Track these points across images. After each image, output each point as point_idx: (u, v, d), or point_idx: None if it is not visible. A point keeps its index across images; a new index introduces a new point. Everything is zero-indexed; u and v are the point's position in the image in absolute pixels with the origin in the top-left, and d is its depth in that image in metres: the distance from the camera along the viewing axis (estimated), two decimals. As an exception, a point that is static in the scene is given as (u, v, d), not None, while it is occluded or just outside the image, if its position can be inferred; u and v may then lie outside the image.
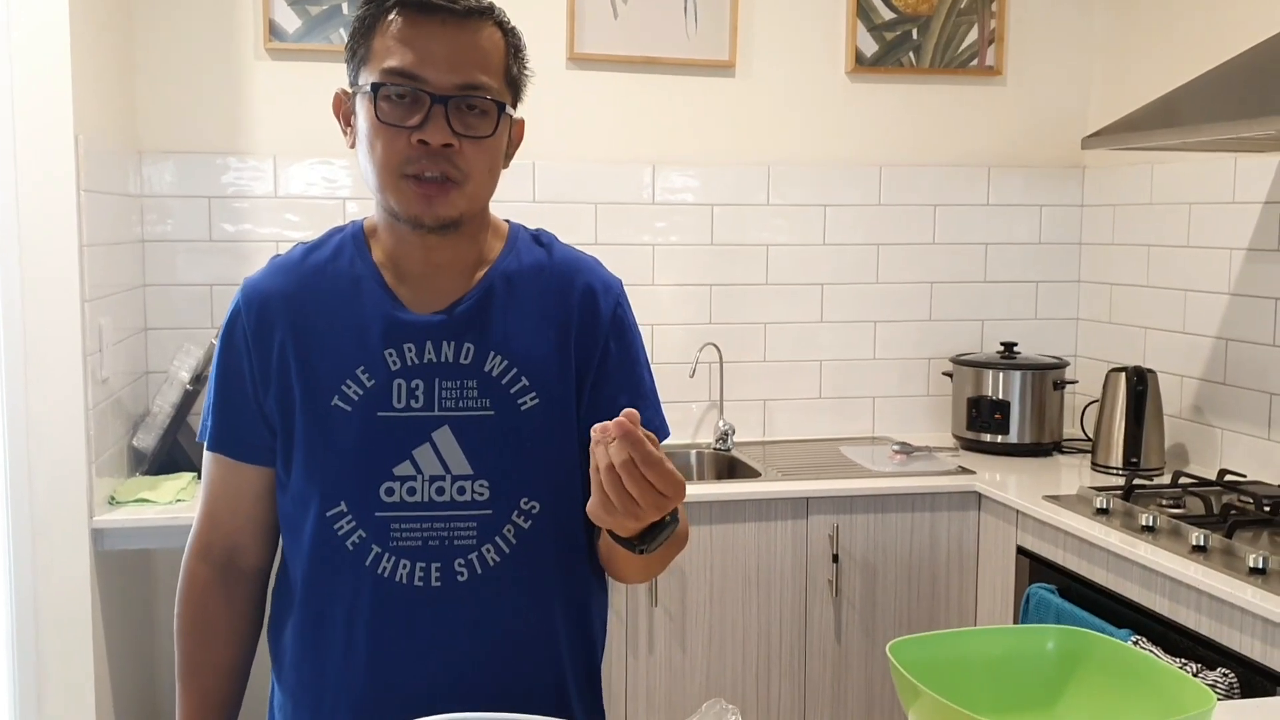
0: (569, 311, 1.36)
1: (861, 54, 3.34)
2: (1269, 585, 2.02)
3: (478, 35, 1.27)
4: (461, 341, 1.31)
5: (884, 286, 3.43)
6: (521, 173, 3.15)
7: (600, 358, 1.36)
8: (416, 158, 1.24)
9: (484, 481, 1.30)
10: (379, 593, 1.30)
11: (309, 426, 1.31)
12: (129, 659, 2.80)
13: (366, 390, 1.30)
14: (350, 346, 1.31)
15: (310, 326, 1.32)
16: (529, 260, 1.38)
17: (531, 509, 1.32)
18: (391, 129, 1.24)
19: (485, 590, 1.31)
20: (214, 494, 1.39)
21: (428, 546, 1.30)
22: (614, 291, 1.41)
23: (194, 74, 3.00)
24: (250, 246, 3.05)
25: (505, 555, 1.31)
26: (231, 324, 1.35)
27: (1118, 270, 3.36)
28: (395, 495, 1.29)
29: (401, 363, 1.30)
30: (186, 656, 1.41)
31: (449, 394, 1.30)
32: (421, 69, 1.23)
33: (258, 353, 1.33)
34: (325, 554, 1.31)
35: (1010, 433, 3.18)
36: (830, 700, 2.85)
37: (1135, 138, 2.55)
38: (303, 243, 1.41)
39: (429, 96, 1.23)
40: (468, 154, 1.26)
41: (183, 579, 1.41)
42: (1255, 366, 2.81)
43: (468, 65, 1.25)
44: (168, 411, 2.80)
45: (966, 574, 2.89)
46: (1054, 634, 1.32)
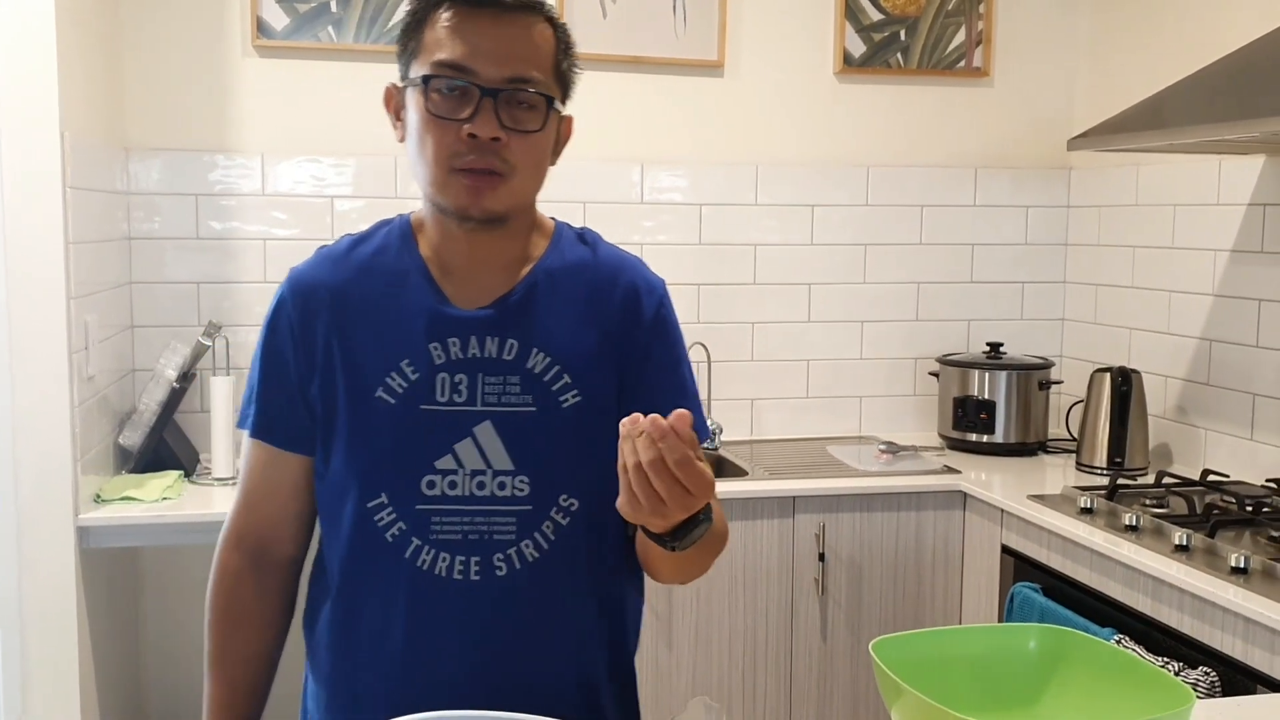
0: (611, 311, 1.37)
1: (850, 55, 3.35)
2: (1250, 585, 2.04)
3: (528, 29, 1.28)
4: (505, 337, 1.32)
5: (871, 286, 3.44)
6: (510, 171, 3.15)
7: (641, 358, 1.37)
8: (465, 151, 1.25)
9: (524, 477, 1.31)
10: (417, 585, 1.30)
11: (352, 417, 1.32)
12: (114, 657, 2.80)
13: (410, 383, 1.31)
14: (395, 339, 1.32)
15: (356, 318, 1.33)
16: (573, 258, 1.39)
17: (570, 506, 1.33)
18: (441, 122, 1.25)
19: (523, 585, 1.31)
20: (252, 482, 1.40)
21: (467, 540, 1.30)
22: (657, 292, 1.41)
23: (181, 71, 2.99)
24: (237, 244, 3.05)
25: (544, 551, 1.32)
26: (276, 313, 1.36)
27: (1103, 271, 3.37)
28: (436, 488, 1.30)
29: (445, 357, 1.31)
30: (217, 645, 1.41)
31: (491, 389, 1.31)
32: (472, 61, 1.25)
33: (302, 342, 1.34)
34: (364, 545, 1.32)
35: (996, 432, 3.19)
36: (816, 699, 2.86)
37: (1120, 139, 2.57)
38: (349, 234, 1.42)
39: (479, 89, 1.24)
40: (515, 148, 1.27)
41: (215, 567, 1.41)
42: (1238, 367, 2.83)
43: (517, 59, 1.26)
44: (154, 409, 2.80)
45: (952, 573, 2.90)
46: (1036, 633, 1.32)
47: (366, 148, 3.10)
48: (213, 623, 1.41)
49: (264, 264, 3.06)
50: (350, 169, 3.10)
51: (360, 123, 3.09)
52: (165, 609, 3.12)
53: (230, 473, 2.76)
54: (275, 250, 3.07)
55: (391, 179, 3.11)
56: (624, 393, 1.36)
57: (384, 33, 3.06)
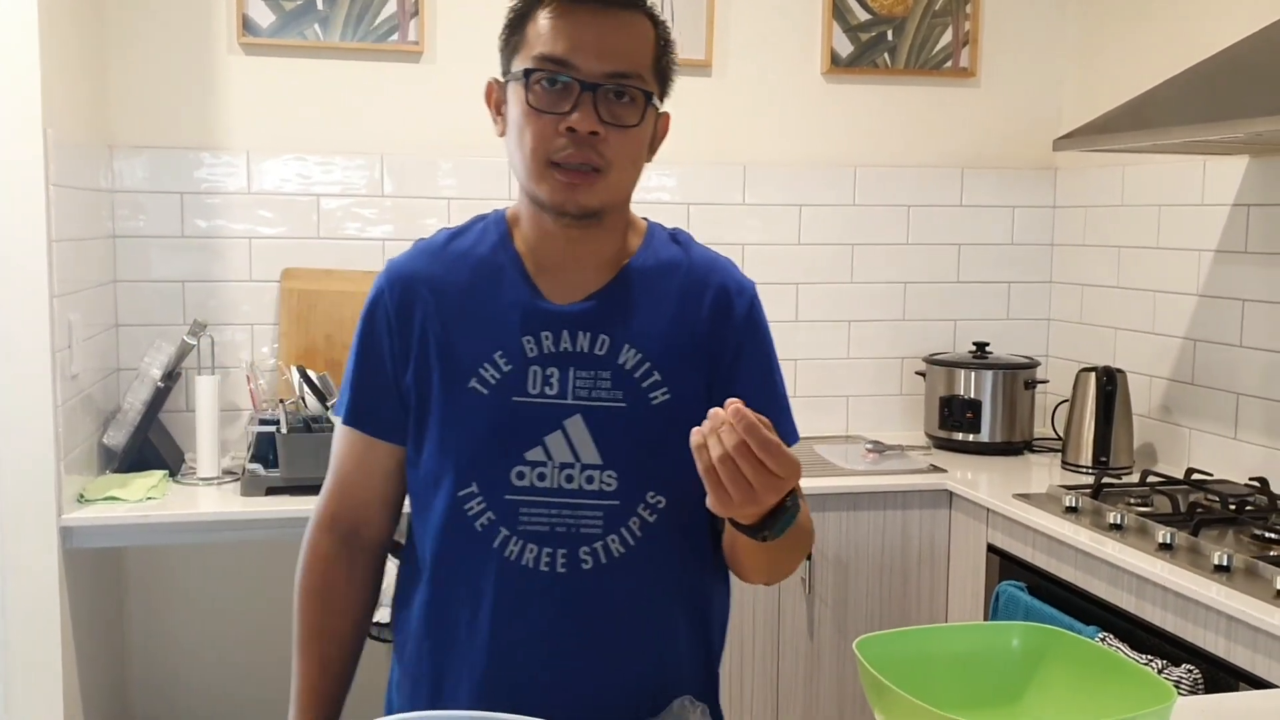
0: (702, 311, 1.38)
1: (837, 55, 3.35)
2: (1233, 583, 2.05)
3: (628, 25, 1.30)
4: (597, 333, 1.34)
5: (858, 286, 3.44)
6: (496, 170, 3.15)
7: (731, 359, 1.39)
8: (563, 145, 1.27)
9: (612, 472, 1.32)
10: (504, 575, 1.32)
11: (445, 407, 1.34)
12: (98, 658, 2.79)
13: (503, 375, 1.33)
14: (489, 331, 1.34)
15: (451, 310, 1.36)
16: (665, 257, 1.41)
17: (657, 503, 1.34)
18: (540, 115, 1.27)
19: (608, 580, 1.33)
20: (345, 468, 1.43)
21: (554, 533, 1.32)
22: (748, 293, 1.43)
23: (166, 68, 2.98)
24: (223, 243, 3.04)
25: (630, 547, 1.33)
26: (374, 304, 1.39)
27: (1089, 271, 3.38)
28: (525, 480, 1.32)
29: (538, 350, 1.33)
30: (306, 625, 1.44)
31: (582, 383, 1.33)
32: (572, 56, 1.27)
33: (399, 333, 1.36)
34: (454, 533, 1.34)
35: (982, 432, 3.20)
36: (803, 697, 2.86)
37: (1105, 140, 2.58)
38: (447, 227, 1.44)
39: (578, 84, 1.26)
40: (612, 143, 1.28)
41: (306, 548, 1.45)
42: (1223, 367, 2.84)
43: (617, 54, 1.28)
44: (139, 409, 2.78)
45: (938, 571, 2.91)
46: (1019, 630, 1.33)
47: (352, 146, 3.09)
48: (302, 603, 1.44)
49: (249, 262, 3.05)
50: (336, 167, 3.09)
51: (346, 121, 3.09)
52: (150, 610, 3.11)
53: (215, 473, 2.75)
54: (261, 248, 3.06)
55: (377, 176, 3.11)
56: (713, 394, 1.36)
57: (370, 30, 3.06)
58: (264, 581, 3.16)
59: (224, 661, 3.16)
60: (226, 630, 3.16)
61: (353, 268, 3.09)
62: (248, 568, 3.15)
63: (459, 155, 3.15)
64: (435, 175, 3.14)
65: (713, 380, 1.37)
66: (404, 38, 3.08)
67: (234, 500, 2.62)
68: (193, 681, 3.15)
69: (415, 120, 3.13)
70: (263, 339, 3.07)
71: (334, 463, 1.44)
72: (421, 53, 3.10)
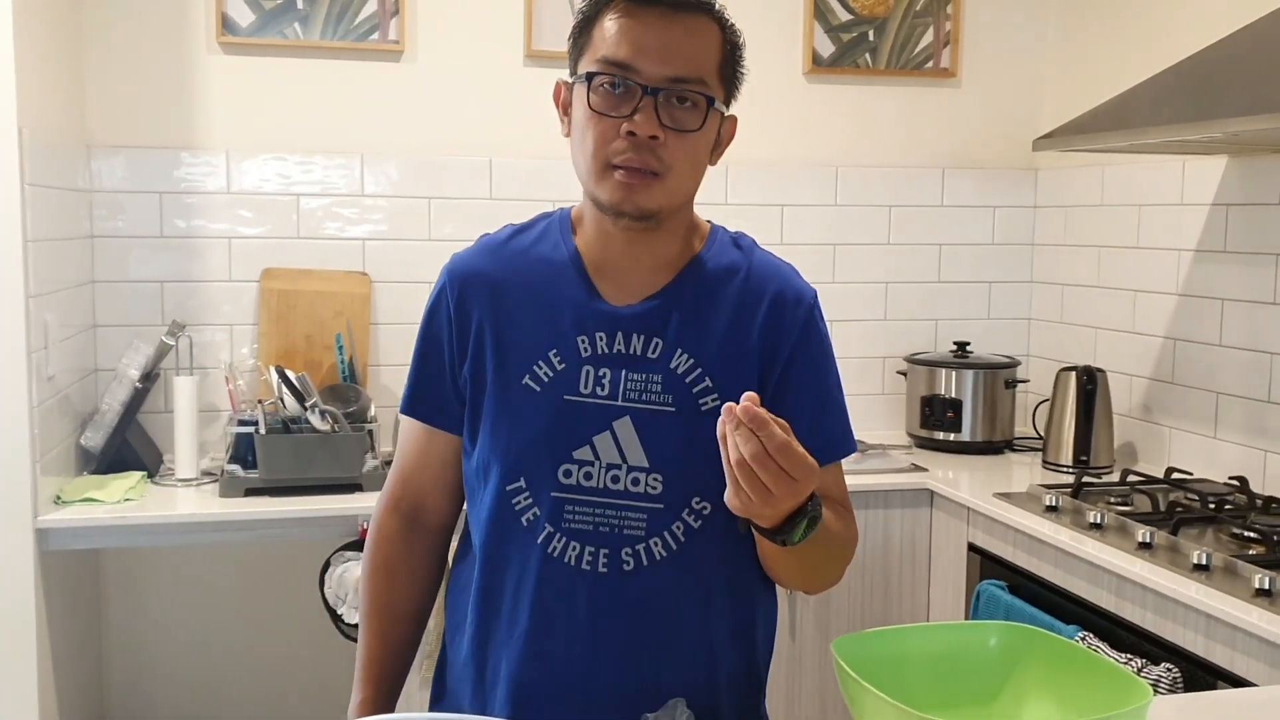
0: (759, 318, 1.38)
1: (818, 55, 3.35)
2: (1212, 582, 2.05)
3: (694, 29, 1.30)
4: (651, 336, 1.35)
5: (840, 286, 3.45)
6: (477, 169, 3.15)
7: (784, 367, 1.38)
8: (623, 149, 1.27)
9: (658, 475, 1.33)
10: (546, 570, 1.34)
11: (498, 402, 1.36)
12: (75, 661, 2.77)
13: (557, 373, 1.35)
14: (545, 329, 1.36)
15: (509, 306, 1.38)
16: (725, 262, 1.41)
17: (703, 509, 1.34)
18: (603, 118, 1.28)
19: (650, 582, 1.33)
20: (406, 455, 1.48)
21: (598, 532, 1.33)
22: (806, 301, 1.42)
23: (145, 67, 2.96)
24: (203, 243, 3.02)
25: (672, 551, 1.34)
26: (437, 298, 1.42)
27: (1069, 271, 3.39)
28: (572, 478, 1.33)
29: (592, 350, 1.35)
30: (370, 599, 1.49)
31: (633, 386, 1.34)
32: (635, 60, 1.27)
33: (458, 327, 1.39)
34: (502, 525, 1.36)
35: (963, 431, 3.20)
36: (785, 697, 2.86)
37: (1084, 140, 2.58)
38: (511, 224, 1.46)
39: (640, 88, 1.27)
40: (671, 146, 1.28)
41: (373, 528, 1.50)
42: (1202, 366, 2.85)
43: (680, 58, 1.28)
44: (116, 410, 2.77)
45: (919, 571, 2.91)
46: (997, 630, 1.33)
47: (333, 145, 3.08)
48: (368, 578, 1.49)
49: (229, 262, 3.04)
50: (316, 167, 3.07)
51: (326, 120, 3.07)
52: (128, 611, 3.09)
53: (193, 474, 2.74)
54: (240, 248, 3.04)
55: (357, 176, 3.10)
56: (767, 401, 1.34)
57: (350, 29, 3.04)
58: (243, 583, 3.14)
59: (202, 663, 3.14)
60: (205, 632, 3.14)
61: (333, 268, 3.08)
62: (226, 569, 3.13)
63: (441, 154, 3.14)
64: (417, 175, 3.13)
65: (764, 389, 1.37)
66: (384, 37, 3.07)
67: (212, 502, 2.61)
68: (171, 683, 3.13)
69: (396, 120, 3.11)
70: (242, 339, 3.06)
71: (399, 449, 1.49)
72: (402, 52, 3.09)
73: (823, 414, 1.40)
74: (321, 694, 3.16)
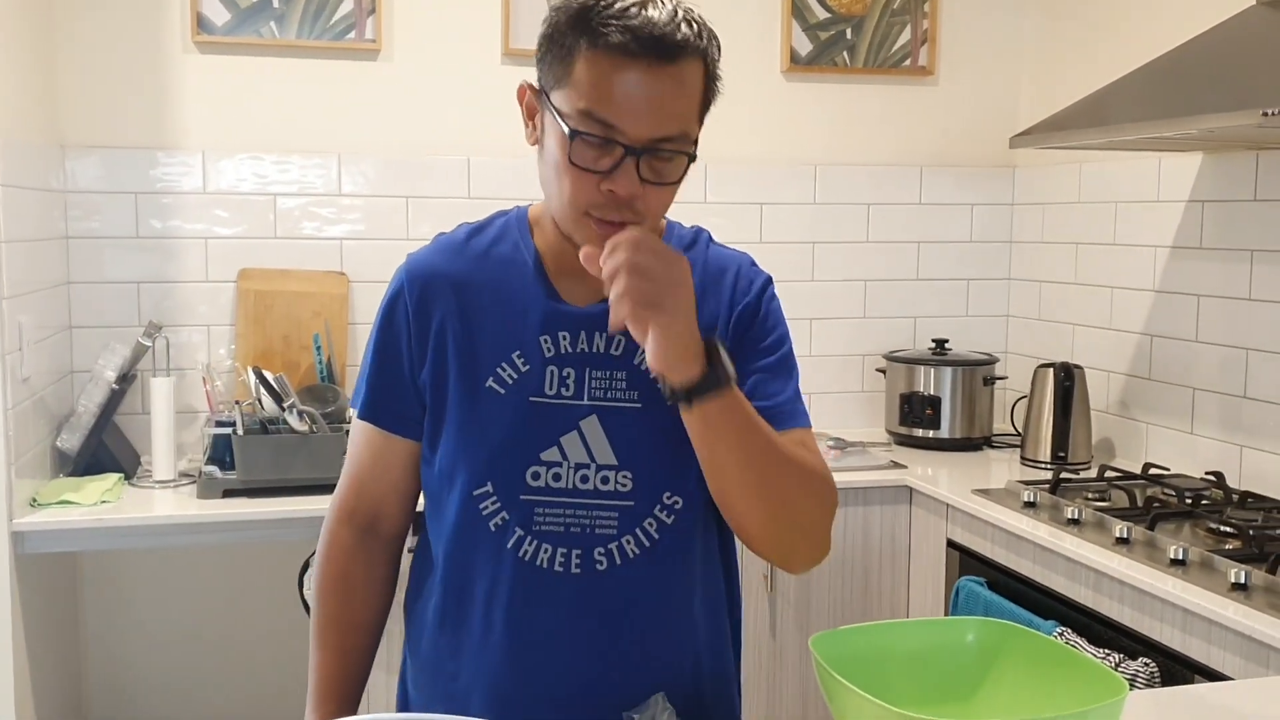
0: (719, 309, 1.37)
1: (796, 53, 3.36)
2: (1188, 576, 2.06)
3: (681, 78, 1.22)
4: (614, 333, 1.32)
5: (819, 284, 3.45)
6: (455, 168, 3.14)
7: (741, 340, 1.37)
8: (601, 203, 1.23)
9: (627, 473, 1.32)
10: (519, 575, 1.32)
11: (461, 406, 1.34)
12: (52, 665, 2.75)
13: (520, 375, 1.33)
14: (507, 331, 1.34)
15: (470, 308, 1.35)
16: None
17: (674, 504, 1.34)
18: (580, 171, 1.22)
19: (624, 581, 1.32)
20: (360, 462, 1.43)
21: (569, 533, 1.31)
22: (760, 283, 1.41)
23: (119, 67, 2.94)
24: (179, 243, 3.00)
25: (645, 548, 1.33)
26: (393, 299, 1.38)
27: (1047, 268, 3.41)
28: (541, 480, 1.31)
29: (555, 350, 1.33)
30: (326, 614, 1.44)
31: (598, 384, 1.33)
32: (619, 120, 1.19)
33: (417, 329, 1.36)
34: (468, 533, 1.34)
35: (942, 428, 3.21)
36: (765, 694, 2.86)
37: (1061, 137, 2.59)
38: (466, 223, 1.43)
39: (623, 148, 1.20)
40: (651, 199, 1.24)
41: (325, 541, 1.46)
42: (1178, 362, 2.87)
43: (666, 117, 1.21)
44: (93, 411, 2.75)
45: (899, 567, 2.92)
46: (974, 626, 1.33)
47: (310, 145, 3.06)
48: (321, 593, 1.45)
49: (205, 263, 3.02)
50: (294, 166, 3.06)
51: (303, 120, 3.06)
52: (106, 614, 3.07)
53: (171, 475, 2.72)
54: (217, 249, 3.03)
55: (334, 176, 3.08)
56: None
57: (326, 28, 3.03)
58: (221, 585, 3.13)
59: (181, 666, 3.12)
60: (183, 635, 3.12)
61: (310, 268, 3.07)
62: (205, 571, 3.12)
63: (418, 154, 3.13)
64: (394, 174, 3.12)
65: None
66: (361, 35, 3.06)
67: (190, 503, 2.59)
68: (150, 686, 3.11)
69: (373, 119, 3.10)
70: (219, 340, 3.04)
71: (351, 456, 1.45)
72: (379, 50, 3.08)
73: (774, 380, 1.37)
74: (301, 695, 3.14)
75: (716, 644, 1.42)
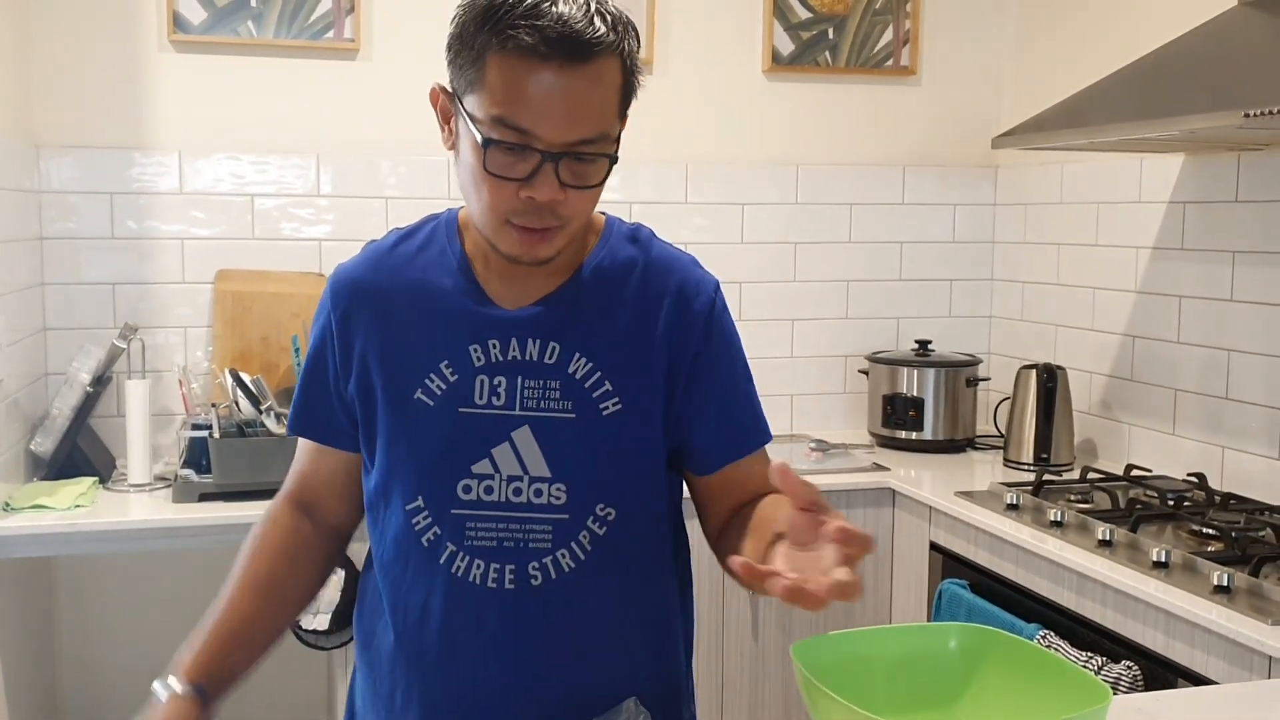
0: (659, 315, 1.32)
1: (778, 53, 3.35)
2: (1171, 579, 2.06)
3: (596, 77, 1.17)
4: (547, 340, 1.29)
5: (801, 285, 3.44)
6: (435, 169, 3.11)
7: (692, 361, 1.33)
8: (522, 209, 1.19)
9: (561, 485, 1.28)
10: (452, 591, 1.28)
11: (390, 419, 1.30)
12: (28, 672, 2.71)
13: (449, 385, 1.28)
14: (435, 340, 1.29)
15: (395, 318, 1.31)
16: (623, 258, 1.34)
17: (608, 515, 1.30)
18: (498, 180, 1.18)
19: (560, 596, 1.28)
20: (304, 470, 1.42)
21: (502, 548, 1.27)
22: (707, 291, 1.35)
23: (94, 66, 2.91)
24: (155, 244, 2.97)
25: (580, 561, 1.29)
26: (319, 313, 1.37)
27: (1029, 269, 3.41)
28: (472, 493, 1.28)
29: (485, 359, 1.28)
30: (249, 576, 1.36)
31: (531, 393, 1.28)
32: (535, 125, 1.15)
33: (341, 343, 1.33)
34: (404, 547, 1.31)
35: (925, 430, 3.20)
36: (748, 699, 2.85)
37: (1043, 137, 2.59)
38: (397, 228, 1.40)
39: (539, 154, 1.16)
40: (573, 202, 1.20)
41: (266, 515, 1.41)
42: (1161, 363, 2.87)
43: (582, 118, 1.17)
44: (67, 414, 2.71)
45: (881, 570, 2.91)
46: (956, 631, 1.32)
47: (288, 145, 3.04)
48: (256, 555, 1.37)
49: (182, 264, 2.99)
50: (271, 166, 3.03)
51: (282, 119, 3.03)
52: (82, 620, 3.03)
53: (146, 479, 2.69)
54: (194, 250, 2.99)
55: (313, 176, 3.05)
56: (672, 398, 1.32)
57: (304, 27, 3.00)
58: (198, 590, 3.08)
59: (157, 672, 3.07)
60: (159, 640, 3.07)
61: (289, 269, 3.04)
62: (181, 576, 3.08)
63: (397, 154, 3.11)
64: (373, 175, 3.10)
65: (672, 386, 1.32)
66: (339, 35, 3.03)
67: (166, 507, 2.56)
68: (125, 693, 3.07)
69: (352, 119, 3.08)
70: (196, 342, 3.01)
71: (295, 462, 1.43)
72: (358, 50, 3.05)
73: (732, 407, 1.36)
74: (279, 699, 3.12)
75: (665, 655, 1.38)
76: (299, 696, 3.14)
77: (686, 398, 1.33)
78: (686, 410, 1.33)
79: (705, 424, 1.34)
